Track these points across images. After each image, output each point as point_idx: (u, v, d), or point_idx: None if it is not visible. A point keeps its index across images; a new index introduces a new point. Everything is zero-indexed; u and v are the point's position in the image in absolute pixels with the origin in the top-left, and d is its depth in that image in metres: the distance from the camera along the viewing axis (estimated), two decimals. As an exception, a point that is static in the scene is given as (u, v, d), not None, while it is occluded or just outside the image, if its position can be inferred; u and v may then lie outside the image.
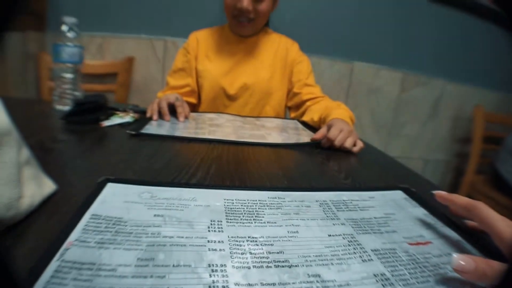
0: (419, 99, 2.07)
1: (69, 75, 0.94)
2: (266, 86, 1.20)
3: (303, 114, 1.14)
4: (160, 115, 0.91)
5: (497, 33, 2.04)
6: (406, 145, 2.13)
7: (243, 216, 0.38)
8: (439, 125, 2.16)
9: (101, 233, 0.32)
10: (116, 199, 0.39)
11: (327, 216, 0.41)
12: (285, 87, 1.25)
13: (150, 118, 0.88)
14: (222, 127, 0.88)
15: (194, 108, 1.28)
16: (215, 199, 0.42)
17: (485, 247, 0.37)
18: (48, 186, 0.40)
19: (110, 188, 0.42)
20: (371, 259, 0.33)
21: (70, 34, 0.94)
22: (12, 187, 0.34)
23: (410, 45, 1.97)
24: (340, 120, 0.82)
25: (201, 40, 1.26)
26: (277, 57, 1.24)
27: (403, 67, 1.99)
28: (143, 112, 0.91)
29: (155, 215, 0.36)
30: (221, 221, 0.37)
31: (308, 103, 1.15)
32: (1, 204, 0.32)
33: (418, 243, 0.37)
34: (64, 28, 0.94)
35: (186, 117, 0.94)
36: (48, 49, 1.69)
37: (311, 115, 1.05)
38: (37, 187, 0.38)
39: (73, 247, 0.29)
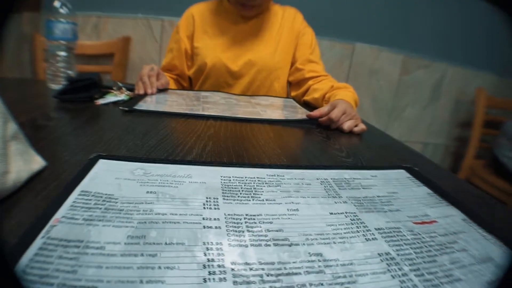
0: (420, 82, 2.05)
1: (62, 53, 0.92)
2: (273, 61, 1.16)
3: (304, 93, 1.11)
4: None
5: (499, 16, 2.01)
6: (406, 128, 2.13)
7: (240, 194, 0.37)
8: (440, 108, 2.15)
9: (90, 210, 0.30)
10: (107, 176, 0.37)
11: (328, 194, 0.39)
12: (290, 61, 1.21)
13: (144, 96, 0.87)
14: (217, 104, 0.86)
15: (186, 88, 1.24)
16: (212, 176, 0.40)
17: (489, 225, 0.36)
18: (37, 162, 0.39)
19: (102, 165, 0.40)
20: (375, 238, 0.31)
21: (62, 10, 0.91)
22: (-3, 162, 0.32)
23: (412, 27, 1.95)
24: (344, 102, 0.80)
25: (197, 15, 1.19)
26: (282, 29, 1.19)
27: (405, 49, 1.97)
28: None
29: (147, 192, 0.35)
30: (217, 198, 0.35)
31: (310, 82, 1.11)
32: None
33: (423, 222, 0.36)
34: (56, 4, 0.91)
35: (160, 90, 0.94)
36: (42, 30, 1.66)
37: (313, 94, 1.02)
38: (25, 162, 0.36)
39: (60, 224, 0.28)
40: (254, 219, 0.32)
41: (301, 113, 0.87)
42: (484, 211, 0.41)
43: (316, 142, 0.63)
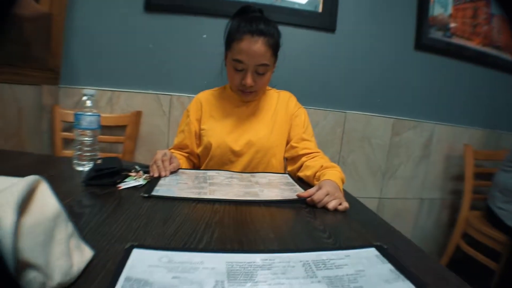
0: (410, 142, 2.21)
1: (88, 140, 1.07)
2: (269, 141, 1.30)
3: (299, 168, 1.24)
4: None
5: (479, 73, 2.20)
6: (401, 186, 2.24)
7: (240, 277, 0.49)
8: (432, 164, 2.29)
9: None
10: (142, 264, 0.50)
11: (307, 275, 0.51)
12: (285, 139, 1.35)
13: (157, 178, 1.01)
14: (221, 185, 1.00)
15: (195, 166, 1.40)
16: (219, 262, 0.53)
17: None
18: (87, 252, 0.51)
19: (136, 254, 0.53)
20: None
21: (89, 103, 1.08)
22: (67, 259, 0.45)
23: (399, 92, 2.14)
24: (330, 183, 0.93)
25: (204, 101, 1.38)
26: (277, 111, 1.36)
27: (394, 113, 2.14)
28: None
29: (173, 277, 0.47)
30: (224, 282, 0.47)
31: (303, 158, 1.25)
32: (61, 273, 0.42)
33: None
34: (84, 98, 1.08)
35: (171, 172, 1.08)
36: (60, 102, 1.84)
37: (306, 172, 1.16)
38: (80, 255, 0.49)
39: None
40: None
41: (294, 190, 1.00)
42: (438, 283, 0.53)
43: (304, 222, 0.76)
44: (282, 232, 0.69)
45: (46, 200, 0.48)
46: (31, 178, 0.46)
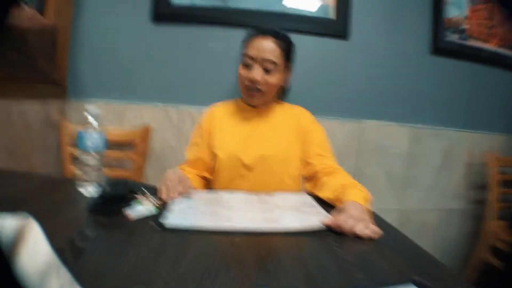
0: (430, 150, 2.11)
1: (92, 161, 1.01)
2: (283, 155, 1.25)
3: (317, 186, 1.16)
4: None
5: (498, 76, 2.11)
6: (422, 196, 2.14)
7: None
8: (453, 173, 2.18)
9: None
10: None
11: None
12: (300, 155, 1.29)
13: (168, 203, 0.93)
14: (238, 210, 0.92)
15: (207, 180, 1.34)
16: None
17: None
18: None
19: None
20: None
21: (93, 122, 1.01)
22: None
23: (416, 99, 2.05)
24: (354, 205, 0.86)
25: (216, 113, 1.35)
26: (291, 126, 1.30)
27: (412, 121, 2.04)
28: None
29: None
30: None
31: (321, 176, 1.17)
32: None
33: None
34: (88, 117, 1.01)
35: (182, 193, 1.00)
36: (68, 117, 1.79)
37: (325, 192, 1.08)
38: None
39: None
40: None
41: (316, 213, 0.92)
42: None
43: (331, 253, 0.68)
44: (308, 267, 0.61)
45: (37, 247, 0.42)
46: (20, 221, 0.41)
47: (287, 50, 1.26)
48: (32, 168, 1.61)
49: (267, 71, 1.21)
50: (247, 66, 1.23)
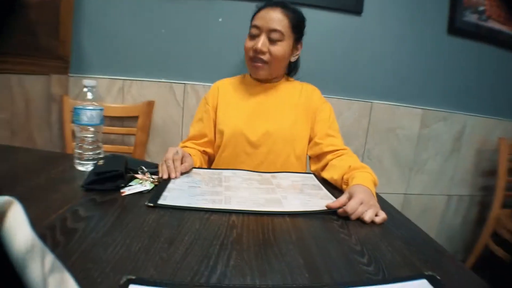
0: (440, 134, 2.05)
1: (89, 137, 0.97)
2: (289, 133, 1.21)
3: (323, 167, 1.13)
4: None
5: None
6: (429, 181, 2.10)
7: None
8: (462, 159, 2.13)
9: None
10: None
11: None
12: (308, 134, 1.25)
13: (167, 181, 0.90)
14: (238, 189, 0.88)
15: (211, 158, 1.30)
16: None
17: None
18: (74, 288, 0.40)
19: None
20: None
21: (90, 96, 0.97)
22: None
23: (429, 80, 1.98)
24: (362, 189, 0.81)
25: (221, 88, 1.30)
26: (299, 104, 1.25)
27: (423, 103, 1.98)
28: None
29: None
30: None
31: (329, 156, 1.13)
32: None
33: None
34: (84, 90, 0.97)
35: (183, 172, 0.97)
36: (70, 92, 1.76)
37: (332, 173, 1.03)
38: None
39: None
40: None
41: (321, 196, 0.88)
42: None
43: (337, 241, 0.63)
44: (312, 256, 0.57)
45: (16, 231, 0.38)
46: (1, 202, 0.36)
47: (296, 23, 1.20)
48: (34, 144, 1.59)
49: (272, 41, 1.16)
50: (253, 37, 1.19)
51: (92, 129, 0.96)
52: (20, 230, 0.37)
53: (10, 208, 0.38)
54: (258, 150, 1.20)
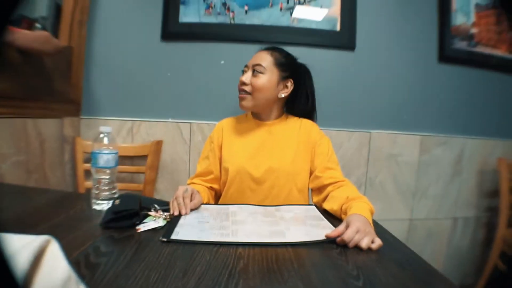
0: (440, 158, 2.11)
1: (106, 178, 1.05)
2: (291, 168, 1.27)
3: (324, 198, 1.19)
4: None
5: (509, 82, 2.10)
6: (432, 206, 2.13)
7: None
8: (464, 181, 2.17)
9: None
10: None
11: None
12: (308, 168, 1.31)
13: (178, 217, 0.97)
14: (244, 223, 0.95)
15: (218, 193, 1.38)
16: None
17: None
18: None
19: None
20: None
21: (106, 141, 1.05)
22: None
23: (424, 107, 2.06)
24: (359, 218, 0.87)
25: (225, 128, 1.39)
26: (299, 140, 1.32)
27: (421, 129, 2.05)
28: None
29: None
30: None
31: (329, 188, 1.19)
32: None
33: None
34: (101, 135, 1.05)
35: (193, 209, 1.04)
36: (82, 133, 1.85)
37: (332, 204, 1.09)
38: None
39: None
40: None
41: (323, 226, 0.94)
42: None
43: (335, 267, 0.69)
44: (311, 281, 0.63)
45: (56, 264, 0.44)
46: (41, 239, 0.43)
47: (281, 60, 1.31)
48: (48, 183, 1.66)
49: (255, 74, 1.27)
50: (243, 75, 1.31)
51: (108, 171, 1.04)
52: (59, 263, 0.44)
53: (49, 244, 0.45)
54: (262, 186, 1.27)
